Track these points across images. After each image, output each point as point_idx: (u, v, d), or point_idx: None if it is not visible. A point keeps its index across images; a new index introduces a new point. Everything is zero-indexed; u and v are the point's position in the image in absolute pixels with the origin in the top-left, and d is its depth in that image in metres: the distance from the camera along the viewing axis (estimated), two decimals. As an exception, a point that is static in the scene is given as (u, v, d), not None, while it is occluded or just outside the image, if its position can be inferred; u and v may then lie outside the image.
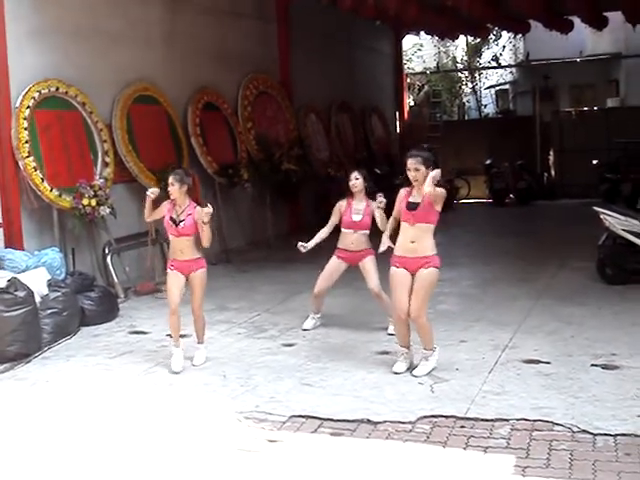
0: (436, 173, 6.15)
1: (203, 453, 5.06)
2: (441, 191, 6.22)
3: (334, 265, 7.88)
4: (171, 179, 6.90)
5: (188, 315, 7.17)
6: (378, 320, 7.73)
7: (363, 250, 7.73)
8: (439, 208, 6.28)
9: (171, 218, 6.91)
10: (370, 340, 7.46)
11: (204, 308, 7.49)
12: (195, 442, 5.24)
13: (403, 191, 6.48)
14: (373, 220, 7.55)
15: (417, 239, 6.28)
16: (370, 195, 7.70)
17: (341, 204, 7.81)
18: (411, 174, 6.31)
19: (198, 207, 6.94)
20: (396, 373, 6.44)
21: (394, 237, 6.53)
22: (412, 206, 6.31)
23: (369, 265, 7.69)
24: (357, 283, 7.97)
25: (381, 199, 7.42)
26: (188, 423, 5.58)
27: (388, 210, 6.93)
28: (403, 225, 6.36)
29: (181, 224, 6.85)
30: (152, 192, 7.06)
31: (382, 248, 6.78)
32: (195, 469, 4.84)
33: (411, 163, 6.30)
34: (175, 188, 6.86)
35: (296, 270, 11.16)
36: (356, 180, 7.72)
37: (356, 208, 7.68)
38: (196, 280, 6.94)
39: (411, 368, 6.49)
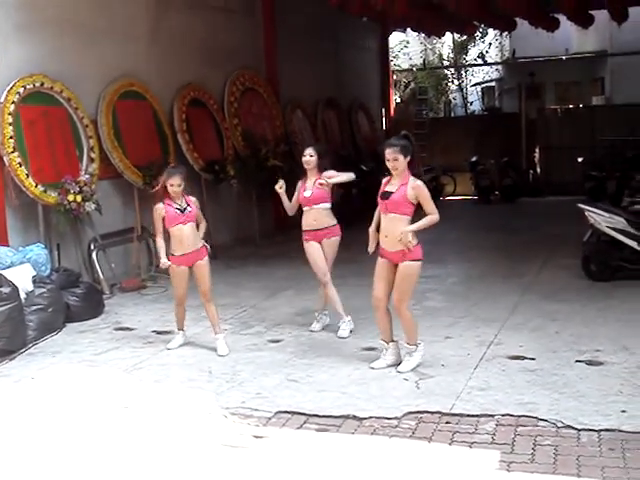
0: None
1: (189, 449, 5.06)
2: (426, 194, 6.20)
3: (309, 249, 7.64)
4: (178, 179, 7.07)
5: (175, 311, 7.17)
6: (364, 316, 7.74)
7: (325, 228, 7.56)
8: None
9: (176, 208, 7.10)
10: (356, 336, 7.47)
11: (190, 303, 7.52)
12: (181, 438, 5.23)
13: (384, 180, 6.45)
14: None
15: (390, 232, 6.23)
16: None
17: (299, 184, 7.67)
18: (390, 164, 6.26)
19: (192, 197, 7.31)
20: (372, 368, 6.44)
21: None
22: (385, 195, 6.29)
23: (328, 248, 7.56)
24: (342, 279, 7.96)
25: (325, 179, 7.38)
26: (174, 419, 5.57)
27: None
28: (381, 215, 6.37)
29: (188, 209, 7.12)
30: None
31: (370, 250, 6.66)
32: (181, 465, 4.83)
33: (389, 153, 6.23)
34: (180, 186, 7.10)
35: (282, 267, 11.19)
36: (310, 157, 7.60)
37: (309, 184, 7.57)
38: (202, 269, 7.18)
39: (394, 364, 6.51)
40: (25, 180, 9.03)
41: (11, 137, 8.95)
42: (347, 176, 7.68)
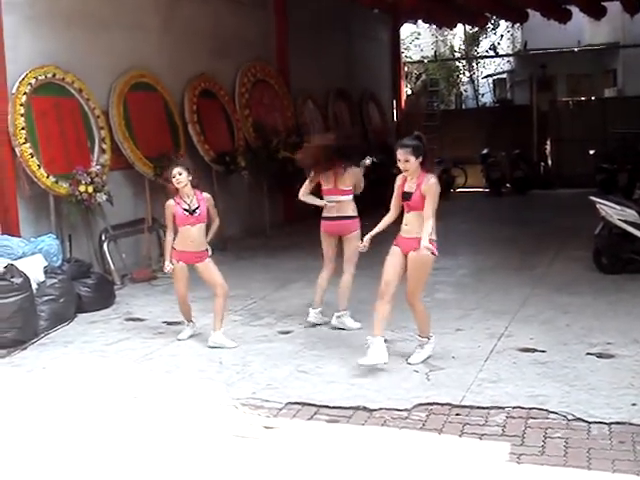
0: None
1: (199, 439, 5.07)
2: (435, 194, 6.17)
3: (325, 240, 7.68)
4: (179, 169, 7.01)
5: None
6: (372, 308, 7.73)
7: (346, 219, 7.50)
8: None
9: (184, 209, 7.02)
10: (365, 327, 7.46)
11: (200, 295, 7.54)
12: (191, 428, 5.25)
13: (400, 178, 6.41)
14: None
15: (410, 223, 6.26)
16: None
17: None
18: (401, 165, 6.23)
19: (206, 194, 7.20)
20: (361, 365, 6.25)
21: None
22: (406, 196, 6.29)
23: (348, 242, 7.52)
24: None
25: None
26: (184, 410, 5.59)
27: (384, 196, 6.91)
28: (404, 211, 6.36)
29: (197, 211, 7.03)
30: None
31: (362, 247, 6.68)
32: (191, 455, 4.85)
33: (401, 154, 6.21)
34: (184, 177, 6.99)
35: (292, 258, 11.20)
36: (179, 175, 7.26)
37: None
38: (204, 272, 7.16)
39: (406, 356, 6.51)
40: (37, 171, 9.06)
41: (23, 128, 8.97)
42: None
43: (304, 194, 7.68)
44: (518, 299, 8.48)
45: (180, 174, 6.98)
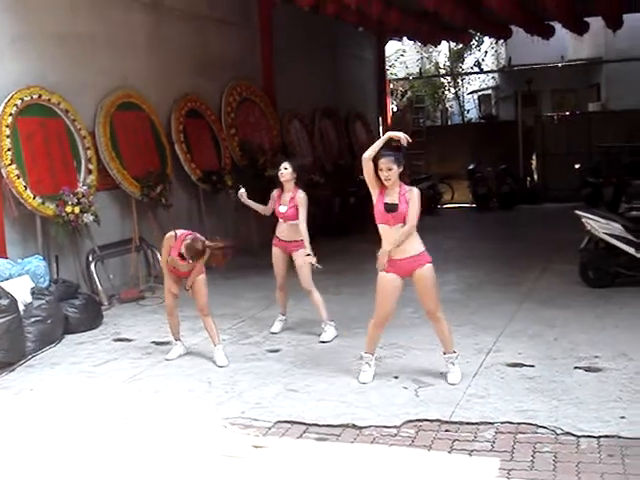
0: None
1: (189, 459, 5.06)
2: (416, 209, 6.15)
3: (275, 253, 8.13)
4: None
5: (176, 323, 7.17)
6: (362, 325, 7.73)
7: (294, 242, 7.84)
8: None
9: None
10: (354, 345, 7.46)
11: (188, 314, 7.53)
12: (181, 448, 5.23)
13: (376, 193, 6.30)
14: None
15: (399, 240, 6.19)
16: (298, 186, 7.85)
17: (273, 194, 8.06)
18: (383, 174, 6.14)
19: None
20: (364, 383, 6.38)
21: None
22: (391, 207, 6.17)
23: (300, 260, 7.77)
24: (338, 289, 7.97)
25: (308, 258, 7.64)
26: (174, 430, 5.57)
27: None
28: (383, 228, 6.23)
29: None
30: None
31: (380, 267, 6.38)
32: (181, 475, 4.83)
33: (383, 163, 6.14)
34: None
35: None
36: (285, 170, 7.78)
37: (284, 199, 7.85)
38: (197, 284, 7.21)
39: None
40: (23, 192, 9.04)
41: (9, 149, 8.95)
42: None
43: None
44: (506, 314, 8.50)
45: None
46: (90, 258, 10.12)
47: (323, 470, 4.82)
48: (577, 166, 18.61)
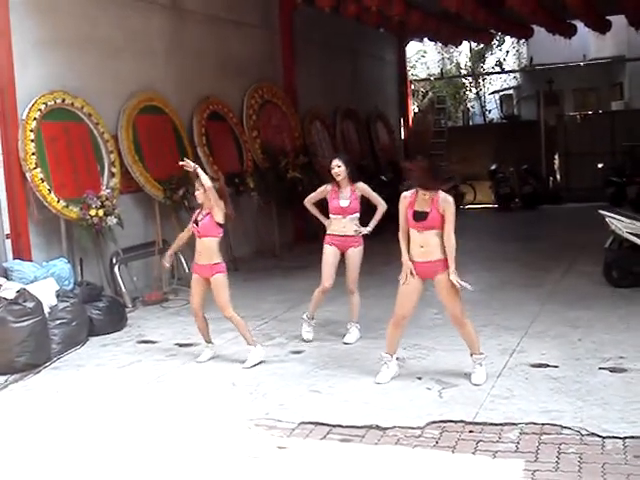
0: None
1: (213, 460, 5.08)
2: (452, 212, 6.14)
3: (329, 252, 7.82)
4: (197, 184, 7.14)
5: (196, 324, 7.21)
6: (385, 327, 7.71)
7: (353, 236, 7.74)
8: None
9: (195, 220, 7.20)
10: (377, 346, 7.45)
11: (211, 316, 7.55)
12: (205, 449, 5.26)
13: (407, 197, 6.27)
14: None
15: (426, 244, 6.18)
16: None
17: (324, 189, 7.96)
18: (422, 190, 6.13)
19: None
20: (379, 383, 6.38)
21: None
22: (420, 216, 6.15)
23: (352, 258, 7.72)
24: (361, 290, 7.96)
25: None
26: (198, 430, 5.60)
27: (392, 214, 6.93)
28: (412, 230, 6.23)
29: (200, 223, 7.12)
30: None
31: (403, 280, 6.41)
32: (205, 476, 4.86)
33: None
34: (201, 192, 7.11)
35: (302, 278, 11.17)
36: (338, 168, 7.76)
37: (343, 194, 7.77)
38: (214, 285, 7.14)
39: (396, 376, 6.50)
40: (47, 196, 9.12)
41: (33, 154, 9.04)
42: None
43: None
44: (529, 315, 8.47)
45: (198, 189, 7.12)
46: (114, 261, 10.19)
47: (347, 471, 4.82)
48: (600, 165, 18.51)
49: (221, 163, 12.54)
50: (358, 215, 7.80)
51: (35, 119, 9.16)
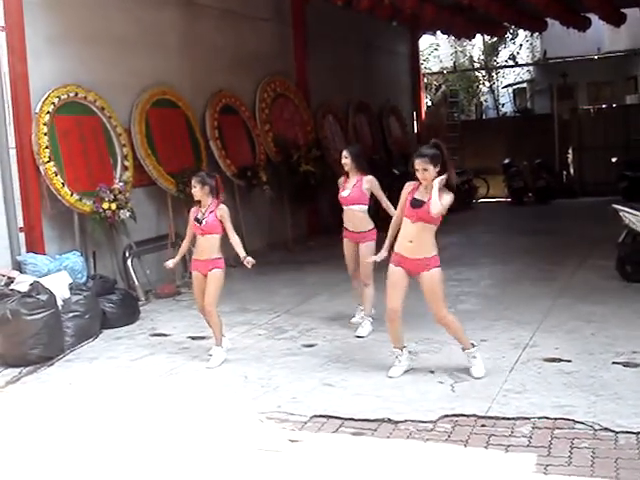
0: (441, 180, 6.04)
1: (225, 453, 5.09)
2: (448, 204, 6.09)
3: (346, 244, 7.99)
4: (193, 181, 7.18)
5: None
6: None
7: (359, 232, 7.82)
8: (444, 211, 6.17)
9: (196, 218, 7.16)
10: (389, 340, 7.46)
11: (223, 310, 7.57)
12: (217, 442, 5.27)
13: (410, 185, 6.29)
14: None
15: (416, 238, 6.13)
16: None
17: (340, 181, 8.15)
18: (419, 175, 6.12)
19: (221, 205, 7.19)
20: (390, 377, 6.38)
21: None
22: (417, 203, 6.13)
23: (363, 252, 7.75)
24: (374, 283, 7.94)
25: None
26: (210, 423, 5.61)
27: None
28: (405, 221, 6.21)
29: (204, 222, 7.08)
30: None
31: (378, 257, 6.73)
32: (217, 469, 4.87)
33: (418, 163, 6.10)
34: (197, 189, 7.13)
35: (315, 272, 11.22)
36: (345, 159, 7.86)
37: (349, 184, 7.91)
38: (209, 278, 7.08)
39: (409, 369, 6.50)
40: (61, 189, 9.14)
41: (46, 147, 9.06)
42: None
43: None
44: (542, 309, 8.44)
45: (195, 187, 7.15)
46: (127, 254, 10.22)
47: (359, 465, 4.82)
48: (614, 159, 18.40)
49: (234, 156, 12.55)
50: (363, 207, 7.85)
51: (48, 113, 9.18)
